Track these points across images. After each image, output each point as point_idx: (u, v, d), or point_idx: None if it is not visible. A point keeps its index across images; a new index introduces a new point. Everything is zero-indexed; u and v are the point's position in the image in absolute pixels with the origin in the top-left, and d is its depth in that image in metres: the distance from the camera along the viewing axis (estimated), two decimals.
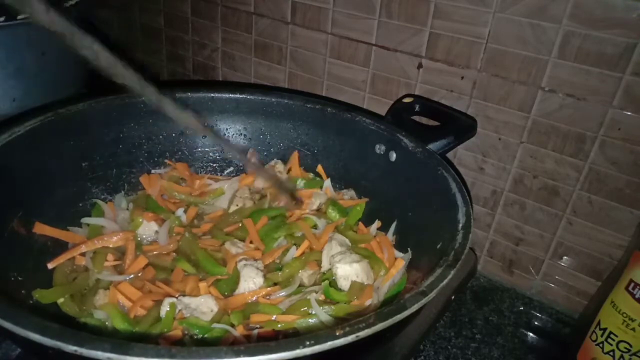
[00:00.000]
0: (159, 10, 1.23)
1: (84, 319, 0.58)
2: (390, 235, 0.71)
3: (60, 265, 0.64)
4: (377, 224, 0.75)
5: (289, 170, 0.84)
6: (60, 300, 0.59)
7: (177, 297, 0.59)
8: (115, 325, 0.56)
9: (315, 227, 0.73)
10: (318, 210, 0.77)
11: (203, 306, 0.58)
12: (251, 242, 0.71)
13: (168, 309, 0.57)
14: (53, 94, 0.85)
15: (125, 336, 0.55)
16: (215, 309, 0.59)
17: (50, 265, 0.63)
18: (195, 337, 0.56)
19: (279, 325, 0.58)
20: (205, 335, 0.56)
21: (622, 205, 0.70)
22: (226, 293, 0.63)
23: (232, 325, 0.58)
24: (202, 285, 0.62)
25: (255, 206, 0.78)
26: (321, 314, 0.58)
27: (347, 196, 0.81)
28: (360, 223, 0.76)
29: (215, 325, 0.57)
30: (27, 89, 0.84)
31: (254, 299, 0.62)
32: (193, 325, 0.56)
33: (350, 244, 0.69)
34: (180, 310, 0.58)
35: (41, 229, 0.64)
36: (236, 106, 0.84)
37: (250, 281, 0.63)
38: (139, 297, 0.60)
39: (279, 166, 0.83)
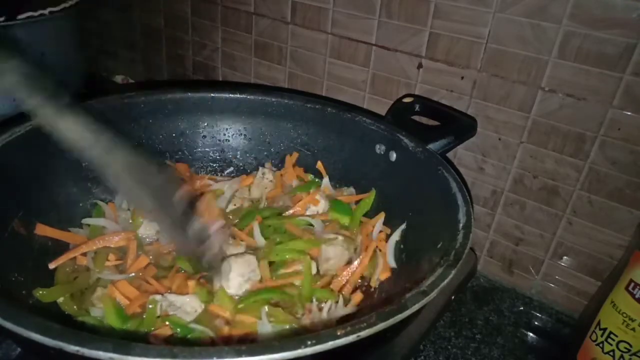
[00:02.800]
0: (159, 10, 1.22)
1: (81, 317, 0.58)
2: (397, 237, 0.70)
3: (61, 264, 0.64)
4: (382, 216, 0.73)
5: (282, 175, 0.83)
6: (60, 299, 0.59)
7: (162, 295, 0.59)
8: (109, 321, 0.56)
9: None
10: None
11: (187, 306, 0.58)
12: (242, 240, 0.71)
13: (151, 306, 0.57)
14: None
15: (118, 333, 0.55)
16: (200, 310, 0.59)
17: (51, 266, 0.63)
18: (177, 335, 0.56)
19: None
20: (188, 336, 0.56)
21: (622, 205, 0.70)
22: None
23: (218, 317, 0.58)
24: (191, 283, 0.61)
25: (252, 206, 0.78)
26: (265, 325, 0.57)
27: (347, 193, 0.80)
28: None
29: (192, 326, 0.56)
30: None
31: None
32: (175, 324, 0.56)
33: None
34: (166, 308, 0.58)
35: (42, 230, 0.64)
36: (236, 106, 0.84)
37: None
38: (137, 296, 0.60)
39: (268, 175, 0.82)
